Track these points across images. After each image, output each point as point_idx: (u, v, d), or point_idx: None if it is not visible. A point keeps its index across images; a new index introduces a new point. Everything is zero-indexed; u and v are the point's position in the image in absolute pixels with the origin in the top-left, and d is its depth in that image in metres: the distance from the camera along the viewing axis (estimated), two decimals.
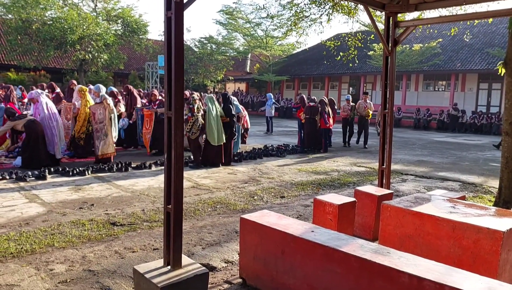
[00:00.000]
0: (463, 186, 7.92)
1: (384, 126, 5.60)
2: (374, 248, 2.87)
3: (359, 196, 4.82)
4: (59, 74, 25.90)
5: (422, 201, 4.00)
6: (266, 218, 3.54)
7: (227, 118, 9.20)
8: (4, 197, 6.08)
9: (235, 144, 11.01)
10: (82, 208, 5.66)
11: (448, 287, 2.29)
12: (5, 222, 4.98)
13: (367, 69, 28.35)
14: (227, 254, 4.27)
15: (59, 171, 7.72)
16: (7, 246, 4.18)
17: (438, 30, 26.56)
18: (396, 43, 5.54)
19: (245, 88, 40.42)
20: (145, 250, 4.28)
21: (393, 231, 3.82)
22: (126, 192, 6.66)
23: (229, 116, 9.24)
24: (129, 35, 28.11)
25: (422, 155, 12.12)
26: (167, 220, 3.22)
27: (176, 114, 3.11)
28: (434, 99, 26.96)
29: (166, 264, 3.22)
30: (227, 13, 35.25)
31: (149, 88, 25.99)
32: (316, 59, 33.23)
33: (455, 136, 18.70)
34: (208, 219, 5.40)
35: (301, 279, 3.08)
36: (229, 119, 9.25)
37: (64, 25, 22.64)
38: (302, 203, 6.34)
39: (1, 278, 3.51)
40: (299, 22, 11.62)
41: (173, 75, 3.09)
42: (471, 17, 6.21)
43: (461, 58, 25.06)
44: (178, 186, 3.15)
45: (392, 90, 5.55)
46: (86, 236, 4.58)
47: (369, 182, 7.86)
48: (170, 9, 3.06)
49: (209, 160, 9.03)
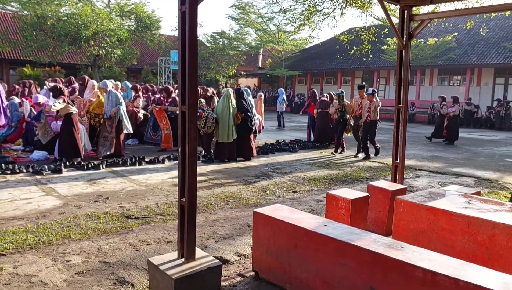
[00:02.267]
0: (478, 182, 7.82)
1: (398, 121, 5.56)
2: (387, 243, 2.86)
3: (372, 191, 4.80)
4: (73, 69, 26.14)
5: (436, 196, 3.97)
6: (279, 212, 3.55)
7: (242, 114, 9.20)
8: (22, 190, 6.20)
9: None
10: (97, 201, 5.75)
11: (462, 282, 2.28)
12: (22, 214, 5.08)
13: (380, 64, 28.04)
14: (239, 247, 4.30)
15: (74, 165, 7.84)
16: (25, 238, 4.28)
17: (453, 24, 26.14)
18: (410, 37, 5.47)
19: (257, 83, 40.37)
20: (159, 243, 4.33)
21: (406, 226, 3.81)
22: (140, 186, 6.73)
23: (243, 111, 9.23)
24: (142, 31, 28.24)
25: (436, 150, 11.98)
26: (181, 213, 3.25)
27: (190, 108, 3.14)
28: (449, 94, 26.47)
29: (180, 257, 3.26)
30: (239, 7, 35.14)
31: (161, 83, 26.13)
32: (329, 53, 32.98)
33: (470, 132, 18.44)
34: (220, 213, 5.43)
35: (313, 272, 3.09)
36: (244, 114, 9.24)
37: (78, 21, 22.84)
38: (315, 198, 6.34)
39: (19, 269, 3.60)
40: (312, 16, 11.55)
41: (187, 70, 3.11)
42: (488, 10, 6.11)
43: (477, 52, 24.62)
44: (192, 180, 3.18)
45: (407, 84, 5.50)
46: (101, 228, 4.66)
47: (382, 177, 7.81)
48: (184, 3, 3.07)
49: (221, 156, 9.06)
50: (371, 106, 9.90)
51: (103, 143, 8.82)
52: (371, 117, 9.92)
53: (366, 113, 9.99)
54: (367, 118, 9.99)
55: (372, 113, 9.88)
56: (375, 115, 9.93)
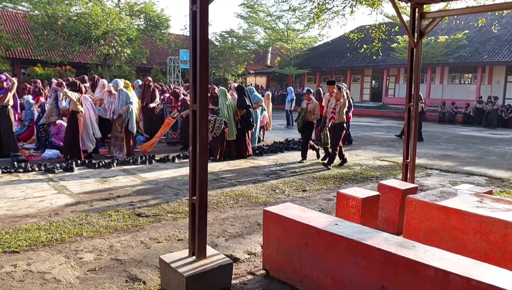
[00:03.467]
0: (489, 181, 7.74)
1: (409, 119, 5.52)
2: (399, 242, 2.85)
3: (383, 190, 4.78)
4: (83, 68, 26.37)
5: (448, 195, 3.94)
6: (289, 210, 3.55)
7: (243, 110, 9.21)
8: (34, 188, 6.28)
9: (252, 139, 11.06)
10: (108, 199, 5.81)
11: (475, 281, 2.27)
12: (35, 212, 5.15)
13: (390, 62, 27.84)
14: (250, 246, 4.31)
15: (86, 163, 7.92)
16: (38, 235, 4.34)
17: (464, 21, 25.83)
18: (422, 35, 5.43)
19: (265, 82, 40.34)
20: (170, 240, 4.37)
21: (418, 225, 3.79)
22: (151, 184, 6.78)
23: (244, 108, 9.24)
24: (152, 30, 28.40)
25: (447, 149, 11.88)
26: (192, 211, 3.27)
27: (201, 107, 3.15)
28: (459, 92, 26.30)
29: (191, 254, 3.28)
30: (248, 6, 35.13)
31: (171, 82, 26.24)
32: (338, 51, 32.85)
33: (481, 130, 18.25)
34: (230, 211, 5.45)
35: (324, 271, 3.09)
36: (245, 110, 9.26)
37: (89, 21, 23.03)
38: (324, 197, 6.33)
39: (33, 266, 3.65)
40: (322, 14, 11.51)
41: (198, 69, 3.13)
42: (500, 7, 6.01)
43: (488, 50, 24.33)
44: (202, 178, 3.20)
45: (418, 83, 5.46)
46: (112, 226, 4.70)
47: (392, 176, 7.77)
48: (195, 3, 3.09)
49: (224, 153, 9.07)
50: (336, 105, 8.32)
51: (115, 143, 8.90)
52: (336, 119, 8.34)
53: (330, 114, 8.44)
54: (330, 119, 8.44)
55: (337, 115, 8.31)
56: (341, 117, 8.33)
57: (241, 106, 9.24)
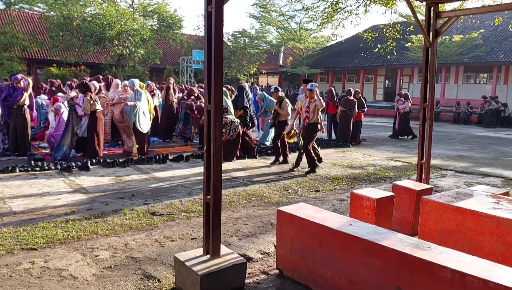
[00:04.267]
0: (505, 182, 7.62)
1: (424, 119, 5.47)
2: (414, 243, 2.84)
3: (398, 190, 4.75)
4: (98, 69, 26.67)
5: (463, 196, 3.90)
6: (303, 211, 3.55)
7: (240, 111, 9.23)
8: (51, 186, 6.39)
9: (264, 136, 11.06)
10: (123, 198, 5.87)
11: (492, 284, 2.24)
12: (52, 210, 5.24)
13: (404, 62, 27.57)
14: (263, 245, 4.32)
15: (101, 162, 8.02)
16: (54, 233, 4.41)
17: (480, 20, 25.46)
18: (437, 34, 5.38)
19: (277, 82, 40.29)
20: (184, 239, 4.40)
21: (433, 227, 3.75)
22: (164, 183, 6.83)
23: (241, 108, 9.25)
24: (165, 30, 28.64)
25: (462, 150, 11.73)
26: (206, 210, 3.30)
27: (216, 107, 3.17)
28: (475, 92, 25.88)
29: (205, 253, 3.30)
30: (260, 6, 35.15)
31: (183, 82, 26.39)
32: (351, 51, 32.64)
33: (496, 131, 17.96)
34: (243, 211, 5.47)
35: (338, 271, 3.08)
36: (242, 111, 9.28)
37: (103, 21, 23.31)
38: (338, 197, 6.31)
39: (50, 263, 3.71)
40: (335, 14, 11.46)
41: (213, 69, 3.15)
42: None
43: (504, 49, 23.93)
44: (217, 177, 3.22)
45: (433, 82, 5.41)
46: (127, 224, 4.76)
47: (406, 177, 7.70)
48: (210, 3, 3.11)
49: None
50: (310, 105, 7.91)
51: (127, 141, 9.09)
52: (309, 119, 7.91)
53: (304, 114, 8.00)
54: (304, 120, 8.02)
55: (311, 114, 7.88)
56: (314, 117, 7.90)
57: (238, 107, 9.28)
